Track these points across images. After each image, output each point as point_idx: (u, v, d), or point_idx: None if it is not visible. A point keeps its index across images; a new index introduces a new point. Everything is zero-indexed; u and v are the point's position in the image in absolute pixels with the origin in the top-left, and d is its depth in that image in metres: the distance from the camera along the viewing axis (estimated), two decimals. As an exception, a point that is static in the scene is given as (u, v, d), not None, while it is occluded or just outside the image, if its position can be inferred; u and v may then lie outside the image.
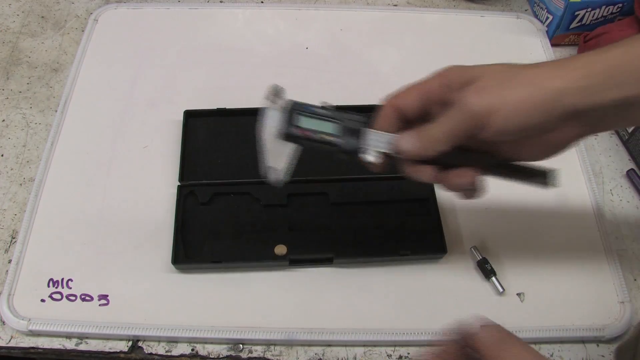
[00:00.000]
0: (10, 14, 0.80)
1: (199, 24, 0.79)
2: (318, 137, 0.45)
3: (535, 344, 0.56)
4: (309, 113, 0.46)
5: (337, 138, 0.45)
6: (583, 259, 0.61)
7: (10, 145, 0.68)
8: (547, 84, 0.40)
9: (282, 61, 0.75)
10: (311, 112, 0.46)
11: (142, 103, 0.70)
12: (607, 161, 0.70)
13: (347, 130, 0.45)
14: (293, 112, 0.45)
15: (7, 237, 0.61)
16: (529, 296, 0.58)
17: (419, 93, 0.45)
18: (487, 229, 0.62)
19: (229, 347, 0.55)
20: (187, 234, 0.60)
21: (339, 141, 0.45)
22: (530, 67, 0.42)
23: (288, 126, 0.45)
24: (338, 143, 0.45)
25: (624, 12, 0.76)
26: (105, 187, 0.64)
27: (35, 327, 0.54)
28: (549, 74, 0.40)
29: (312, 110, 0.46)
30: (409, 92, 0.45)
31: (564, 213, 0.64)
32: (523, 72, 0.41)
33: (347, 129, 0.45)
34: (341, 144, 0.45)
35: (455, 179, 0.44)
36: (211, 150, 0.65)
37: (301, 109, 0.46)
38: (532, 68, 0.42)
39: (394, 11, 0.82)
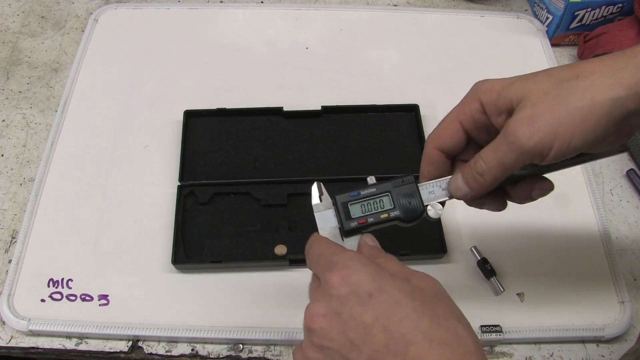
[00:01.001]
0: (10, 14, 0.80)
1: (199, 24, 0.79)
2: (377, 219, 0.43)
3: (535, 344, 0.56)
4: (357, 200, 0.44)
5: (395, 211, 0.43)
6: (583, 259, 0.61)
7: (10, 145, 0.68)
8: (607, 95, 0.36)
9: (282, 61, 0.75)
10: (360, 198, 0.44)
11: (142, 103, 0.70)
12: (607, 161, 0.70)
13: (400, 197, 0.44)
14: (343, 207, 0.44)
15: (7, 237, 0.61)
16: (529, 296, 0.58)
17: (457, 128, 0.42)
18: (487, 229, 0.62)
19: (229, 347, 0.55)
20: (187, 234, 0.60)
21: (398, 214, 0.43)
22: (578, 77, 0.37)
23: (345, 223, 0.43)
24: (399, 216, 0.43)
25: (624, 12, 0.76)
26: (105, 187, 0.64)
27: (35, 327, 0.54)
28: (605, 82, 0.36)
29: (360, 195, 0.44)
30: (446, 129, 0.43)
31: (564, 213, 0.64)
32: (574, 86, 0.37)
33: (399, 195, 0.44)
34: (402, 215, 0.43)
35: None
36: (211, 150, 0.65)
37: (349, 199, 0.44)
38: (582, 79, 0.37)
39: (394, 11, 0.82)
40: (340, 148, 0.66)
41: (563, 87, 0.37)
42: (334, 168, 0.65)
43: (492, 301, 0.57)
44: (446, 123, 0.43)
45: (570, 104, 0.36)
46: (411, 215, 0.43)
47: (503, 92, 0.39)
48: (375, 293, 0.34)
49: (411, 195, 0.44)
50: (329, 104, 0.68)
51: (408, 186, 0.44)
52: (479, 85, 0.41)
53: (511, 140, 0.38)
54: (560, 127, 0.36)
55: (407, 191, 0.44)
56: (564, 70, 0.39)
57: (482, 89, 0.41)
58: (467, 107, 0.41)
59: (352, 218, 0.43)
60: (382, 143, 0.67)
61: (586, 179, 0.66)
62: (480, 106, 0.41)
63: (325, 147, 0.66)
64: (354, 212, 0.43)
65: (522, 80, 0.39)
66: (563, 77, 0.38)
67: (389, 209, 0.43)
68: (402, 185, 0.44)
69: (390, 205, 0.44)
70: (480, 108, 0.41)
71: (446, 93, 0.73)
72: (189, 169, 0.64)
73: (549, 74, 0.39)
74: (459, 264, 0.60)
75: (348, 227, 0.43)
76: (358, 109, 0.69)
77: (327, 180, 0.63)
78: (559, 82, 0.38)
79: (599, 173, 0.68)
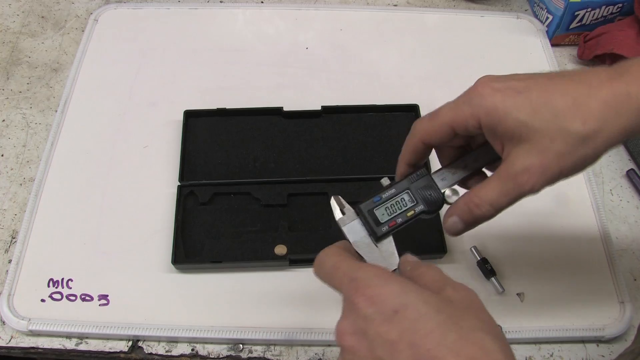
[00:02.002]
0: (10, 14, 0.80)
1: (199, 24, 0.79)
2: (405, 217, 0.44)
3: (535, 344, 0.56)
4: (381, 203, 0.44)
5: (418, 206, 0.44)
6: (583, 259, 0.61)
7: (10, 145, 0.68)
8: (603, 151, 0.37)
9: (282, 61, 0.75)
10: (383, 201, 0.44)
11: (142, 103, 0.70)
12: (607, 161, 0.70)
13: (419, 191, 0.45)
14: (370, 214, 0.44)
15: (7, 237, 0.61)
16: (529, 296, 0.58)
17: (448, 131, 0.42)
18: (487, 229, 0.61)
19: (229, 347, 0.55)
20: (187, 234, 0.60)
21: (423, 207, 0.44)
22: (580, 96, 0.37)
23: (376, 229, 0.44)
24: (423, 209, 0.44)
25: (624, 12, 0.76)
26: (105, 187, 0.64)
27: (35, 327, 0.54)
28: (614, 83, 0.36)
29: (382, 199, 0.44)
30: (438, 130, 0.42)
31: (564, 213, 0.64)
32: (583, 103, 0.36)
33: (418, 190, 0.45)
34: (426, 208, 0.44)
35: None
36: (211, 150, 0.65)
37: (372, 205, 0.44)
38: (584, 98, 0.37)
39: (394, 11, 0.82)
40: (340, 148, 0.66)
41: (569, 134, 0.37)
42: (334, 168, 0.65)
43: (492, 301, 0.57)
44: (438, 124, 0.42)
45: (575, 155, 0.37)
46: (434, 206, 0.44)
47: (506, 122, 0.38)
48: (400, 309, 0.34)
49: (429, 187, 0.45)
50: (329, 104, 0.68)
51: (423, 179, 0.45)
52: (481, 100, 0.39)
53: (519, 186, 0.39)
54: (561, 175, 0.38)
55: (423, 184, 0.45)
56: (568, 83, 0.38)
57: (484, 108, 0.39)
58: (464, 119, 0.40)
59: (381, 223, 0.44)
60: (382, 143, 0.67)
61: (586, 179, 0.66)
62: (477, 124, 0.40)
63: (325, 147, 0.66)
64: (381, 216, 0.44)
65: (527, 112, 0.38)
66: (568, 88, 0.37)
67: (412, 205, 0.44)
68: (418, 180, 0.45)
69: (412, 201, 0.45)
70: (478, 125, 0.40)
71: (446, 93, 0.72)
72: (189, 169, 0.64)
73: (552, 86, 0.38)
74: (459, 264, 0.60)
75: (381, 233, 0.44)
76: (358, 109, 0.69)
77: (327, 180, 0.63)
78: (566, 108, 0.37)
79: (599, 173, 0.68)
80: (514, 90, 0.38)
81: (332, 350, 0.55)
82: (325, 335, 0.55)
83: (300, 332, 0.55)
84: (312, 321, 0.56)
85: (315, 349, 0.55)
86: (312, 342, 0.55)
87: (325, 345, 0.56)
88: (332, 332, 0.54)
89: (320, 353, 0.55)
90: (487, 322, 0.35)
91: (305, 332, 0.55)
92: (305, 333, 0.55)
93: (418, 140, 0.44)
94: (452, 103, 0.42)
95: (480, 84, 0.40)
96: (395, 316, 0.34)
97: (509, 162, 0.39)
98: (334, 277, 0.38)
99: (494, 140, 0.40)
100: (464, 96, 0.41)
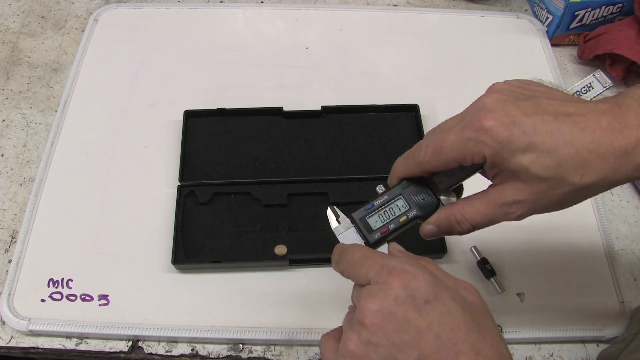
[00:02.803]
0: (10, 14, 0.80)
1: (199, 24, 0.79)
2: (398, 223, 0.44)
3: (535, 344, 0.56)
4: (373, 211, 0.44)
5: (412, 211, 0.44)
6: (583, 259, 0.61)
7: (10, 145, 0.68)
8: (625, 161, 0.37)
9: (282, 61, 0.75)
10: (375, 209, 0.44)
11: (142, 103, 0.70)
12: (607, 161, 0.70)
13: (412, 196, 0.44)
14: (362, 222, 0.44)
15: (7, 237, 0.61)
16: (529, 296, 0.58)
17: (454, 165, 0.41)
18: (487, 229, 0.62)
19: (229, 347, 0.55)
20: (187, 234, 0.60)
21: (416, 212, 0.44)
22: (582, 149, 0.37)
23: (369, 237, 0.44)
24: (417, 214, 0.44)
25: (624, 12, 0.76)
26: (105, 187, 0.64)
27: (35, 327, 0.54)
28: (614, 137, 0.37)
29: (375, 206, 0.44)
30: (445, 164, 0.41)
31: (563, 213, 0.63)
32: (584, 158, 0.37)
33: (411, 195, 0.44)
34: (419, 213, 0.44)
35: None
36: (211, 150, 0.65)
37: (364, 213, 0.44)
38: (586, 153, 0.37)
39: (394, 11, 0.82)
40: (340, 148, 0.66)
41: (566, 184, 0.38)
42: (334, 168, 0.65)
43: (492, 301, 0.57)
44: (445, 160, 0.41)
45: (565, 200, 0.40)
46: (428, 210, 0.44)
47: (509, 163, 0.38)
48: (432, 300, 0.36)
49: (422, 191, 0.44)
50: (329, 104, 0.68)
51: (417, 184, 0.45)
52: (488, 139, 0.38)
53: (506, 214, 0.41)
54: (547, 211, 0.41)
55: (417, 189, 0.45)
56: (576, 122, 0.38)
57: (491, 148, 0.38)
58: (470, 155, 0.40)
59: (373, 230, 0.44)
60: (382, 143, 0.67)
61: (586, 179, 0.66)
62: (483, 160, 0.39)
63: (325, 147, 0.66)
64: (374, 223, 0.44)
65: (531, 158, 0.38)
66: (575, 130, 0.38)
67: (406, 210, 0.44)
68: (411, 185, 0.45)
69: (406, 207, 0.44)
70: (483, 161, 0.40)
71: (446, 93, 0.73)
72: (189, 169, 0.64)
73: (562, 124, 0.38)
74: (459, 264, 0.60)
75: (373, 240, 0.44)
76: (358, 109, 0.69)
77: (327, 180, 0.63)
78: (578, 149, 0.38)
79: (599, 173, 0.68)
80: (520, 130, 0.38)
81: (332, 350, 0.55)
82: (325, 335, 0.55)
83: (300, 332, 0.55)
84: (312, 321, 0.56)
85: (315, 349, 0.55)
86: (312, 342, 0.55)
87: (325, 345, 0.56)
88: (332, 332, 0.55)
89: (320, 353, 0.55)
90: (497, 327, 0.38)
91: (305, 332, 0.55)
92: (305, 333, 0.55)
93: (421, 170, 0.43)
94: (457, 135, 0.40)
95: (485, 115, 0.39)
96: (426, 305, 0.35)
97: (501, 190, 0.40)
98: (364, 266, 0.39)
99: (490, 169, 0.40)
100: (469, 129, 0.39)
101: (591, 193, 0.39)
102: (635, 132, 0.37)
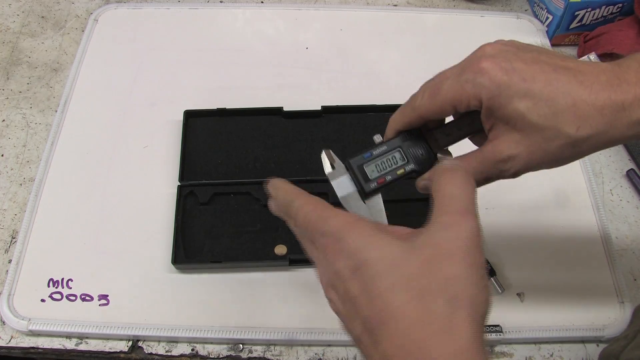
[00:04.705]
0: (10, 14, 0.80)
1: (199, 24, 0.79)
2: (395, 175, 0.43)
3: (535, 344, 0.56)
4: (371, 160, 0.44)
5: (409, 165, 0.43)
6: (583, 259, 0.61)
7: (10, 145, 0.68)
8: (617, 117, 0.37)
9: (282, 61, 0.75)
10: (373, 158, 0.44)
11: (142, 103, 0.70)
12: (607, 161, 0.70)
13: (410, 150, 0.44)
14: (359, 169, 0.43)
15: (7, 237, 0.61)
16: (529, 296, 0.58)
17: (449, 111, 0.41)
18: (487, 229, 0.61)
19: (229, 347, 0.55)
20: (187, 234, 0.60)
21: (413, 167, 0.43)
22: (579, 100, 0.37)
23: (365, 185, 0.43)
24: (414, 169, 0.43)
25: (624, 12, 0.76)
26: (105, 187, 0.64)
27: (35, 327, 0.54)
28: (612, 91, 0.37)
29: (373, 155, 0.44)
30: (441, 111, 0.41)
31: (564, 213, 0.64)
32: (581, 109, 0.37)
33: (409, 148, 0.44)
34: (416, 167, 0.43)
35: None
36: (211, 150, 0.65)
37: (362, 160, 0.44)
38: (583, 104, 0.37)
39: (394, 11, 0.82)
40: (340, 148, 0.66)
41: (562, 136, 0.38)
42: (334, 168, 0.65)
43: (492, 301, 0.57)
44: (440, 102, 0.41)
45: (560, 155, 0.39)
46: (425, 166, 0.44)
47: (506, 109, 0.38)
48: (361, 266, 0.33)
49: (421, 146, 0.44)
50: (329, 104, 0.68)
51: (415, 138, 0.44)
52: (486, 81, 0.38)
53: (501, 171, 0.40)
54: (542, 167, 0.40)
55: (415, 143, 0.44)
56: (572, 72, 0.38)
57: (488, 90, 0.38)
58: (467, 98, 0.39)
59: (370, 179, 0.43)
60: (382, 143, 0.67)
61: (586, 179, 0.66)
62: (479, 104, 0.39)
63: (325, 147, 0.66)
64: (371, 172, 0.43)
65: (528, 104, 0.38)
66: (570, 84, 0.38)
67: (403, 163, 0.44)
68: (410, 139, 0.44)
69: (403, 160, 0.44)
70: (479, 105, 0.39)
71: (446, 93, 0.72)
72: (189, 169, 0.64)
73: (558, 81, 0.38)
74: (459, 264, 0.60)
75: (369, 189, 0.43)
76: (358, 109, 0.69)
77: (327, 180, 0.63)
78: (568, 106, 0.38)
79: (599, 173, 0.68)
80: (519, 77, 0.38)
81: (332, 350, 0.55)
82: (325, 335, 0.55)
83: (300, 332, 0.55)
84: (312, 321, 0.56)
85: (315, 349, 0.55)
86: (312, 342, 0.55)
87: (325, 345, 0.56)
88: (332, 332, 0.55)
89: (320, 353, 0.55)
90: (457, 276, 0.33)
91: (305, 332, 0.55)
92: (305, 333, 0.55)
93: (417, 116, 0.43)
94: (454, 79, 0.40)
95: (485, 59, 0.39)
96: (356, 273, 0.33)
97: (496, 145, 0.40)
98: (307, 231, 0.38)
99: (486, 118, 0.40)
100: (467, 71, 0.40)
101: (586, 149, 0.39)
102: (633, 88, 0.37)
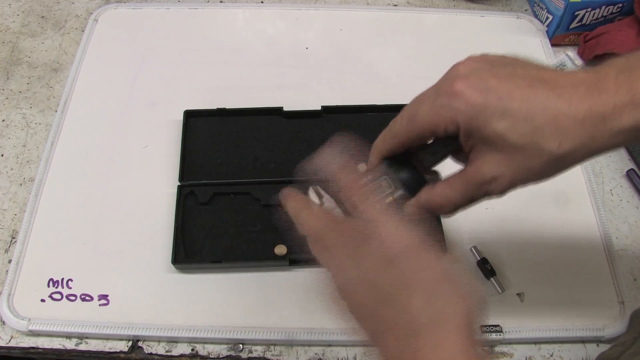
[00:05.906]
0: (10, 14, 0.80)
1: (199, 24, 0.79)
2: None
3: (535, 344, 0.56)
4: None
5: (398, 191, 0.43)
6: (583, 259, 0.61)
7: (10, 145, 0.68)
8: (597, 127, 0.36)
9: (282, 61, 0.75)
10: None
11: (142, 103, 0.70)
12: (607, 161, 0.70)
13: (397, 174, 0.43)
14: None
15: (7, 237, 0.61)
16: (529, 296, 0.58)
17: (429, 137, 0.41)
18: (487, 229, 0.62)
19: (229, 347, 0.55)
20: (187, 234, 0.60)
21: (402, 192, 0.43)
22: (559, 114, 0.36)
23: None
24: (403, 194, 0.43)
25: (624, 12, 0.76)
26: (105, 187, 0.64)
27: (35, 327, 0.54)
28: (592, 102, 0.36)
29: None
30: (420, 137, 0.41)
31: (564, 213, 0.64)
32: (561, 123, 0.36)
33: (395, 170, 0.43)
34: (405, 192, 0.43)
35: None
36: (211, 150, 0.65)
37: None
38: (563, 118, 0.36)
39: (394, 11, 0.82)
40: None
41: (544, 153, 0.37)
42: (334, 168, 0.65)
43: (492, 301, 0.57)
44: (419, 129, 0.40)
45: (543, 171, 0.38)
46: (414, 190, 0.43)
47: (484, 130, 0.37)
48: None
49: (407, 170, 0.43)
50: (329, 104, 0.68)
51: (401, 162, 0.43)
52: (461, 105, 0.38)
53: (486, 192, 0.40)
54: (526, 184, 0.39)
55: (401, 167, 0.43)
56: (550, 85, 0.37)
57: (464, 114, 0.38)
58: (444, 123, 0.39)
59: None
60: (382, 143, 0.67)
61: (586, 179, 0.66)
62: (456, 128, 0.38)
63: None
64: None
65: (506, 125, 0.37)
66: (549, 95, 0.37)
67: (391, 191, 0.43)
68: (396, 164, 0.43)
69: (390, 187, 0.43)
70: (456, 129, 0.39)
71: (446, 93, 0.72)
72: (189, 169, 0.64)
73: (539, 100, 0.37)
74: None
75: None
76: (358, 109, 0.69)
77: (327, 180, 0.63)
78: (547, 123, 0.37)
79: (599, 173, 0.68)
80: (495, 96, 0.37)
81: (332, 350, 0.55)
82: (325, 335, 0.55)
83: (300, 332, 0.55)
84: (312, 321, 0.56)
85: (315, 349, 0.55)
86: (312, 342, 0.55)
87: (325, 345, 0.56)
88: (332, 332, 0.55)
89: (320, 353, 0.55)
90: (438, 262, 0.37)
91: (305, 332, 0.55)
92: (305, 333, 0.55)
93: (398, 143, 0.43)
94: (430, 103, 0.40)
95: (459, 80, 0.39)
96: None
97: (479, 167, 0.39)
98: None
99: (465, 140, 0.39)
100: (442, 95, 0.39)
101: (570, 162, 0.38)
102: (613, 97, 0.36)
